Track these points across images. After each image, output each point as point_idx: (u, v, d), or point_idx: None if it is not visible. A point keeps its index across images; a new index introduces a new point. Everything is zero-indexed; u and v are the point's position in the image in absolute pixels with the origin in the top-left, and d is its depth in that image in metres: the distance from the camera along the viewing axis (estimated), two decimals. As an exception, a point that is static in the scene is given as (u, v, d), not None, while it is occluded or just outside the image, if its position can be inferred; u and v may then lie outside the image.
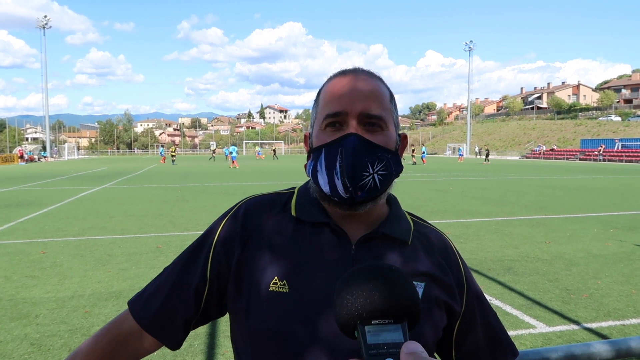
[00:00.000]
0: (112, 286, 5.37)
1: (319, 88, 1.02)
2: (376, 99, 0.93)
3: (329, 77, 0.99)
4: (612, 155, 49.24)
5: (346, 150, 0.89)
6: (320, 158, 0.93)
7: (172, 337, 0.98)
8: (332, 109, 0.93)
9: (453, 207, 12.13)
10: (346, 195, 0.90)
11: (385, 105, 0.95)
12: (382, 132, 0.93)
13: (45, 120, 66.88)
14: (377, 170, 0.91)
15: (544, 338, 3.98)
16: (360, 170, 0.89)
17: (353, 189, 0.89)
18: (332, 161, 0.90)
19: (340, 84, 0.94)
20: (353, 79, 0.94)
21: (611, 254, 6.94)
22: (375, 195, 0.93)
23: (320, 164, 0.93)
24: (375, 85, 0.95)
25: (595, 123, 68.65)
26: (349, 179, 0.89)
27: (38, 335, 4.02)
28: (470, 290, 1.03)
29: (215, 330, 4.12)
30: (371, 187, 0.91)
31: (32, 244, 7.61)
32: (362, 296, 0.62)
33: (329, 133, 0.93)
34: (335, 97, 0.93)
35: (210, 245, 0.98)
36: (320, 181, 0.93)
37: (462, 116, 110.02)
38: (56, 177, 24.59)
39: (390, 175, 0.93)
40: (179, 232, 8.66)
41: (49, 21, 63.91)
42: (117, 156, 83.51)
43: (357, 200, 0.91)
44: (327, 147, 0.92)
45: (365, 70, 0.99)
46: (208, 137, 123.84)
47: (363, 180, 0.90)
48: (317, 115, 0.97)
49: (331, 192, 0.91)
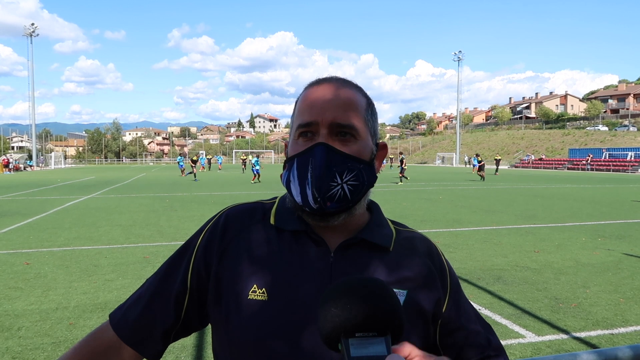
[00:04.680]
0: (97, 297, 5.28)
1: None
2: (349, 108, 0.92)
3: (305, 87, 0.98)
4: (599, 165, 49.80)
5: (314, 160, 0.89)
6: (292, 168, 0.93)
7: (151, 348, 0.97)
8: (304, 119, 0.92)
9: (442, 216, 12.16)
10: (315, 206, 0.89)
11: (359, 114, 0.93)
12: (355, 142, 0.92)
13: (32, 129, 66.20)
14: (347, 181, 0.90)
15: (533, 348, 3.97)
16: (327, 180, 0.88)
17: (322, 200, 0.88)
18: (304, 171, 0.90)
19: (314, 94, 0.94)
20: (326, 88, 0.94)
21: (599, 262, 6.98)
22: (347, 206, 0.92)
23: (293, 174, 0.92)
24: (349, 94, 0.94)
25: (583, 133, 69.52)
26: (316, 190, 0.88)
27: (20, 348, 3.93)
28: (453, 292, 1.01)
29: (202, 342, 4.06)
30: (340, 197, 0.90)
31: (16, 255, 7.48)
32: (345, 309, 0.62)
33: (301, 143, 0.93)
34: (308, 106, 0.92)
35: (191, 255, 0.98)
36: (293, 191, 0.93)
37: (452, 126, 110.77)
38: (42, 186, 24.32)
39: (361, 185, 0.92)
40: (167, 242, 8.57)
41: (36, 29, 63.64)
42: (105, 165, 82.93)
43: (326, 211, 0.90)
44: (298, 157, 0.92)
45: (340, 78, 0.97)
46: (197, 146, 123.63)
47: (331, 191, 0.89)
48: (292, 124, 0.97)
49: (302, 203, 0.91)
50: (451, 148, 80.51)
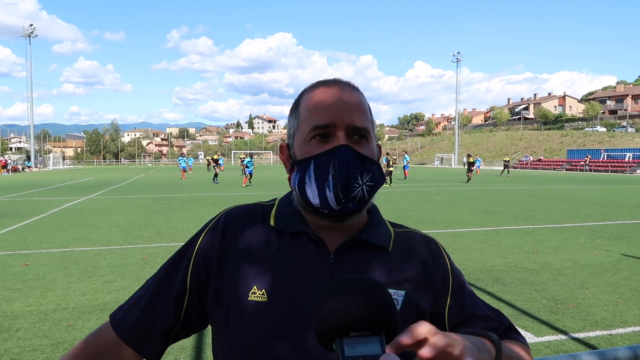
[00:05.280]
0: (96, 298, 5.28)
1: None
2: (361, 111, 0.94)
3: (309, 88, 0.99)
4: (597, 166, 49.88)
5: (340, 161, 0.89)
6: (308, 170, 0.92)
7: (150, 349, 0.98)
8: (319, 120, 0.92)
9: (441, 217, 12.16)
10: (338, 207, 0.90)
11: (368, 117, 0.96)
12: (367, 144, 0.94)
13: (30, 130, 66.16)
14: (366, 182, 0.92)
15: (533, 349, 3.97)
16: (352, 181, 0.89)
17: (345, 201, 0.89)
18: (323, 173, 0.90)
19: (325, 95, 0.94)
20: (337, 90, 0.94)
21: (598, 263, 6.99)
22: (363, 206, 0.94)
23: (309, 176, 0.92)
24: (359, 98, 0.96)
25: (581, 134, 69.66)
26: (342, 191, 0.89)
27: (19, 350, 3.92)
28: (457, 285, 1.02)
29: (202, 344, 4.06)
30: (360, 198, 0.91)
31: (15, 256, 7.47)
32: (340, 309, 0.63)
33: (314, 145, 0.92)
34: (322, 108, 0.92)
35: (191, 256, 0.98)
36: (309, 193, 0.92)
37: (450, 127, 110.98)
38: (40, 187, 24.29)
39: (376, 185, 0.94)
40: (166, 243, 8.56)
41: (34, 30, 63.59)
42: (104, 166, 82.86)
43: (347, 211, 0.91)
44: (317, 158, 0.91)
45: (345, 81, 0.99)
46: (196, 147, 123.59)
47: (354, 192, 0.90)
48: (299, 126, 0.96)
49: (321, 204, 0.91)
50: (450, 149, 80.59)
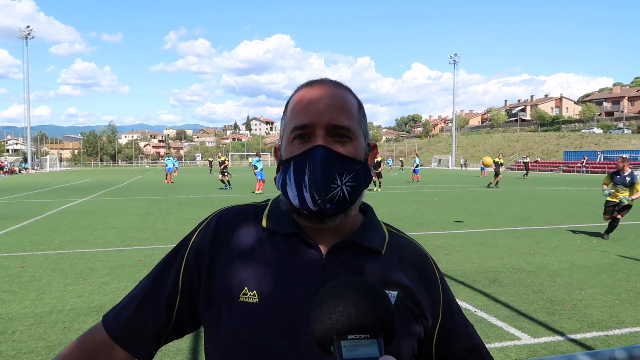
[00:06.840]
0: (92, 301, 5.26)
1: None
2: (343, 110, 0.92)
3: (296, 89, 0.99)
4: (594, 167, 49.98)
5: (314, 162, 0.88)
6: (289, 171, 0.92)
7: (142, 349, 0.97)
8: (299, 121, 0.92)
9: (439, 218, 12.17)
10: (315, 208, 0.89)
11: (352, 116, 0.94)
12: (351, 143, 0.92)
13: (27, 131, 65.98)
14: (346, 182, 0.90)
15: (529, 350, 3.97)
16: (328, 182, 0.88)
17: (322, 202, 0.88)
18: (301, 174, 0.90)
19: (307, 96, 0.93)
20: (319, 89, 0.94)
21: (594, 264, 7.00)
22: (345, 207, 0.92)
23: (289, 177, 0.92)
24: (343, 96, 0.94)
25: (578, 135, 69.81)
26: (317, 192, 0.88)
27: (14, 352, 3.90)
28: (446, 303, 1.01)
29: (197, 346, 4.04)
30: (340, 198, 0.90)
31: (11, 258, 7.44)
32: (338, 311, 0.62)
33: (296, 145, 0.92)
34: (302, 109, 0.92)
35: (183, 257, 0.98)
36: (290, 194, 0.92)
37: (448, 128, 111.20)
38: (37, 189, 24.22)
39: (359, 186, 0.93)
40: (163, 244, 8.54)
41: (31, 31, 63.41)
42: (101, 168, 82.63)
43: (326, 212, 0.90)
44: (295, 159, 0.91)
45: (332, 80, 0.98)
46: (193, 149, 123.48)
47: (331, 193, 0.89)
48: (285, 127, 0.97)
49: (300, 205, 0.91)
50: (447, 150, 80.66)
